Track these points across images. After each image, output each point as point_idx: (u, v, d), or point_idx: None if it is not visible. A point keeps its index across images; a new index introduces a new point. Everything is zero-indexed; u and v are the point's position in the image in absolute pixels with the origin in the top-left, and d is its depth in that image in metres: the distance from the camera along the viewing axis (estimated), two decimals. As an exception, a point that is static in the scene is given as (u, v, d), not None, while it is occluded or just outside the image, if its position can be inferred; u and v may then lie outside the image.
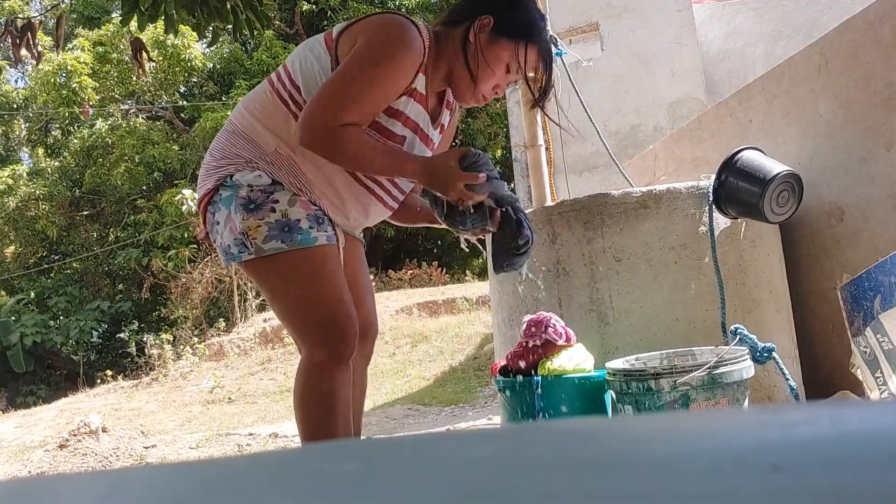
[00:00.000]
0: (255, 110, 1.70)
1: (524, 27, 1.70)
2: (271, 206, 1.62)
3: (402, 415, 4.93)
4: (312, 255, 1.64)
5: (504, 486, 0.30)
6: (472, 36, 1.68)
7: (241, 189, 1.63)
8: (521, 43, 1.69)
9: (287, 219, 1.62)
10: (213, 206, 1.68)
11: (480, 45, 1.68)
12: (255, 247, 1.62)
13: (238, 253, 1.64)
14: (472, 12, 1.70)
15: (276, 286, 1.70)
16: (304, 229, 1.63)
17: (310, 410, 1.65)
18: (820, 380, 2.70)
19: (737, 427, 0.38)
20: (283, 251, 1.61)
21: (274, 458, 0.41)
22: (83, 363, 14.22)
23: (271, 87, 1.70)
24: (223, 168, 1.67)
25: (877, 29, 2.45)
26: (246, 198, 1.62)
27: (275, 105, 1.67)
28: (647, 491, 0.28)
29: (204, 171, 1.74)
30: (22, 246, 15.78)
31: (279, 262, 1.63)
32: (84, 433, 4.51)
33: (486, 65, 1.68)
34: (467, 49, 1.69)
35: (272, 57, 14.76)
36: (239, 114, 1.74)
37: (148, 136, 14.91)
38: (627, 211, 2.46)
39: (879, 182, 2.48)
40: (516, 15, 1.70)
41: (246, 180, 1.63)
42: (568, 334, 2.22)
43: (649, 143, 5.19)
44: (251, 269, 1.69)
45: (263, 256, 1.62)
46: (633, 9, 6.24)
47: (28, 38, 3.75)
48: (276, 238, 1.61)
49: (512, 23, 1.69)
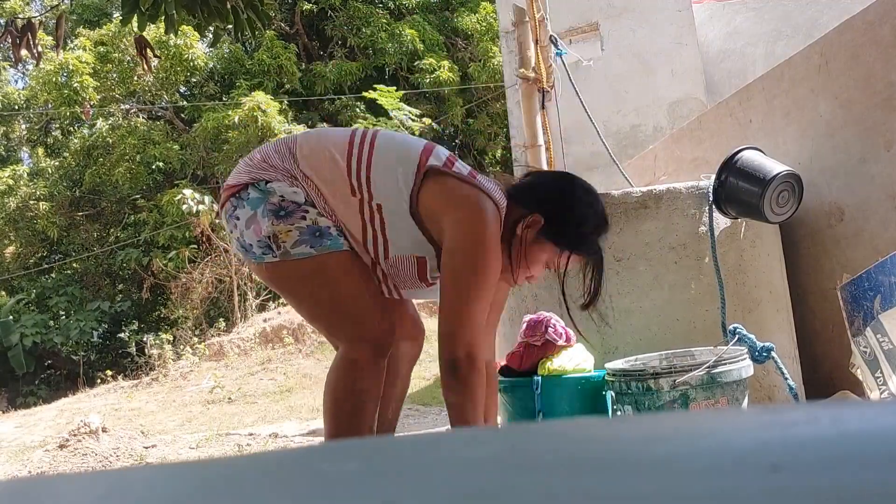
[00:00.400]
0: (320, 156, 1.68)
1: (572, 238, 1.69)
2: (301, 215, 1.64)
3: (402, 415, 4.92)
4: (342, 257, 1.66)
5: (504, 486, 0.30)
6: (519, 230, 1.68)
7: (272, 196, 1.64)
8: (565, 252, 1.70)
9: (317, 225, 1.64)
10: (238, 200, 1.68)
11: (525, 241, 1.69)
12: (283, 250, 1.63)
13: (261, 254, 1.65)
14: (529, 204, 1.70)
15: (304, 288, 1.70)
16: (334, 235, 1.65)
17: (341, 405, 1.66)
18: (820, 380, 2.70)
19: (737, 427, 0.38)
20: (310, 255, 1.62)
21: (274, 458, 0.41)
22: (83, 363, 14.22)
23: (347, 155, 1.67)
24: (263, 171, 1.67)
25: (877, 29, 2.45)
26: (276, 205, 1.63)
27: (339, 169, 1.66)
28: (647, 491, 0.28)
29: (244, 165, 1.73)
30: (22, 246, 15.78)
31: (307, 265, 1.64)
32: (84, 433, 4.51)
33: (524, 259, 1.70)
34: (513, 239, 1.69)
35: (273, 57, 14.75)
36: (305, 141, 1.73)
37: (148, 135, 14.91)
38: (627, 211, 2.46)
39: (879, 182, 2.48)
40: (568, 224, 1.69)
41: (282, 191, 1.64)
42: (568, 334, 2.22)
43: (649, 143, 5.19)
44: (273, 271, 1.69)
45: (289, 260, 1.63)
46: (633, 9, 6.25)
47: (28, 38, 3.75)
48: (305, 243, 1.62)
49: (561, 230, 1.68)
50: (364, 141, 1.69)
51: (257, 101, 13.09)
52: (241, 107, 13.21)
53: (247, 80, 14.73)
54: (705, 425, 0.40)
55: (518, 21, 3.90)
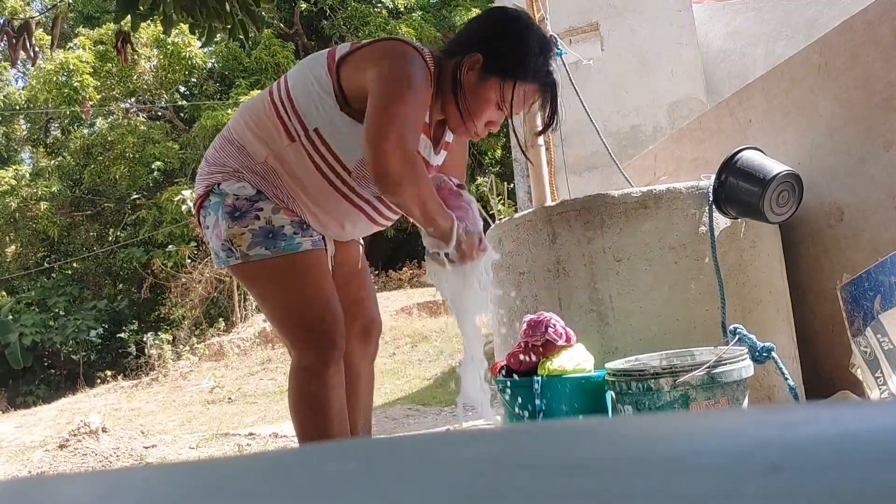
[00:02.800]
0: (251, 120, 1.70)
1: (515, 65, 1.63)
2: (255, 214, 1.64)
3: (402, 415, 4.93)
4: (297, 260, 1.65)
5: (504, 486, 0.30)
6: (460, 73, 1.64)
7: (227, 197, 1.65)
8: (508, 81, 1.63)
9: (271, 225, 1.64)
10: (205, 210, 1.71)
11: (468, 84, 1.64)
12: (241, 253, 1.64)
13: (226, 258, 1.68)
14: (464, 48, 1.66)
15: (264, 291, 1.72)
16: (289, 235, 1.65)
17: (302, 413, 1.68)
18: (820, 380, 2.70)
19: (737, 427, 0.38)
20: (267, 258, 1.63)
21: (274, 458, 0.41)
22: (83, 363, 14.22)
23: (270, 99, 1.69)
24: (213, 175, 1.70)
25: (876, 29, 2.45)
26: (231, 206, 1.65)
27: (269, 117, 1.67)
28: (648, 491, 0.28)
29: (198, 175, 1.77)
30: (22, 246, 15.78)
31: (265, 268, 1.65)
32: (84, 433, 4.51)
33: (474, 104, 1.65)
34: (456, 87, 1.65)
35: (271, 55, 14.76)
36: (235, 121, 1.75)
37: (148, 134, 14.92)
38: (627, 211, 2.46)
39: (879, 182, 2.48)
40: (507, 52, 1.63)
41: (231, 190, 1.65)
42: (568, 334, 2.22)
43: (649, 143, 5.19)
44: (238, 274, 1.72)
45: (250, 262, 1.64)
46: (633, 9, 6.25)
47: (24, 38, 3.74)
48: (260, 245, 1.63)
49: (502, 60, 1.63)
50: (279, 84, 1.71)
51: (255, 98, 13.07)
52: (240, 104, 13.21)
53: (245, 78, 14.74)
54: (705, 425, 0.40)
55: (518, 21, 3.90)
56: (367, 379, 1.95)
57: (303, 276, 1.67)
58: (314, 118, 1.63)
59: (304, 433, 1.68)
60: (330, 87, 1.63)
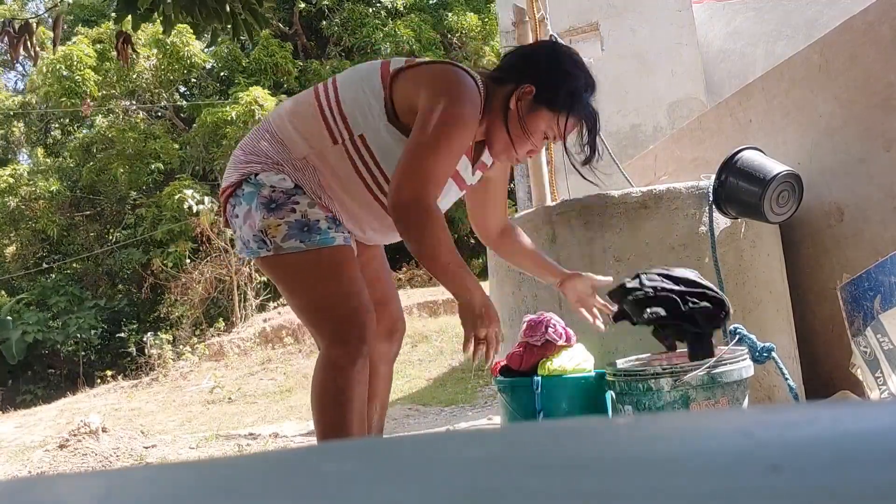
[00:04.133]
0: (294, 117, 1.72)
1: (565, 98, 1.69)
2: (292, 207, 1.65)
3: (402, 415, 4.93)
4: (331, 254, 1.67)
5: (504, 486, 0.30)
6: (512, 103, 1.69)
7: (263, 188, 1.66)
8: (561, 114, 1.69)
9: (307, 219, 1.65)
10: (235, 199, 1.71)
11: (521, 113, 1.69)
12: (275, 245, 1.65)
13: (257, 249, 1.68)
14: (516, 78, 1.70)
15: (294, 284, 1.73)
16: (323, 229, 1.66)
17: (325, 407, 1.68)
18: (820, 380, 2.70)
19: (737, 427, 0.38)
20: (301, 250, 1.64)
21: (274, 458, 0.41)
22: (83, 363, 14.22)
23: (317, 101, 1.71)
24: (250, 164, 1.70)
25: (876, 29, 2.45)
26: (268, 197, 1.65)
27: (314, 118, 1.69)
28: (648, 491, 0.28)
29: (231, 163, 1.76)
30: (22, 246, 15.79)
31: (298, 261, 1.66)
32: (84, 433, 4.51)
33: (523, 132, 1.70)
34: (508, 114, 1.70)
35: (269, 55, 14.76)
36: (277, 116, 1.76)
37: (148, 133, 14.94)
38: (627, 211, 2.46)
39: (879, 182, 2.48)
40: (559, 85, 1.70)
41: (270, 181, 1.66)
42: (568, 334, 2.22)
43: (649, 143, 5.19)
44: (269, 265, 1.72)
45: (282, 254, 1.65)
46: (633, 9, 6.25)
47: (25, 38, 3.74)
48: (295, 237, 1.64)
49: (553, 93, 1.69)
50: (327, 86, 1.73)
51: (255, 97, 13.10)
52: (238, 103, 13.22)
53: (244, 77, 14.75)
54: (705, 425, 0.40)
55: (518, 21, 3.90)
56: (386, 378, 1.97)
57: (336, 270, 1.68)
58: (361, 125, 1.66)
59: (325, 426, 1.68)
60: (381, 98, 1.65)
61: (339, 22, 15.44)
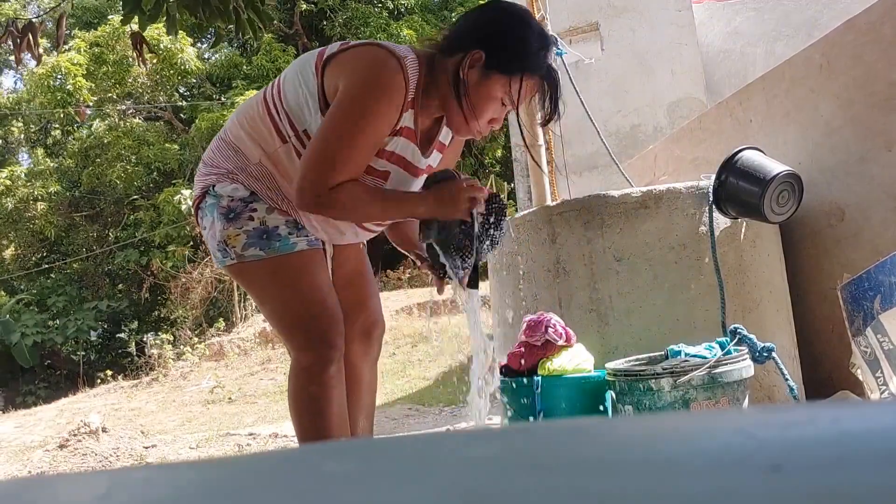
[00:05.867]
0: (245, 121, 1.71)
1: (518, 60, 1.60)
2: (249, 215, 1.65)
3: (402, 415, 4.93)
4: (292, 260, 1.66)
5: (504, 486, 0.30)
6: (462, 73, 1.60)
7: (221, 199, 1.66)
8: (514, 77, 1.60)
9: (265, 226, 1.65)
10: (202, 211, 1.73)
11: (470, 82, 1.60)
12: (236, 254, 1.65)
13: (222, 258, 1.69)
14: (463, 45, 1.62)
15: (260, 292, 1.74)
16: (283, 236, 1.65)
17: (301, 414, 1.68)
18: (820, 380, 2.70)
19: (737, 427, 0.38)
20: (262, 258, 1.64)
21: (274, 458, 0.41)
22: (83, 363, 14.22)
23: (264, 102, 1.69)
24: (208, 177, 1.71)
25: (878, 29, 2.45)
26: (226, 207, 1.66)
27: (262, 119, 1.67)
28: (648, 491, 0.28)
29: (196, 177, 1.78)
30: (21, 247, 15.78)
31: (260, 269, 1.66)
32: (84, 433, 4.51)
33: (477, 102, 1.62)
34: (458, 85, 1.61)
35: (271, 61, 14.75)
36: (231, 122, 1.75)
37: (145, 136, 14.92)
38: (627, 211, 2.46)
39: (879, 182, 2.48)
40: (509, 47, 1.61)
41: (225, 192, 1.66)
42: (568, 334, 2.22)
43: (649, 143, 5.19)
44: (235, 275, 1.75)
45: (245, 262, 1.65)
46: (633, 9, 6.24)
47: (29, 38, 3.74)
48: (255, 245, 1.64)
49: (504, 57, 1.60)
50: (274, 84, 1.71)
51: (252, 100, 13.08)
52: (236, 106, 13.21)
53: (245, 82, 14.73)
54: (705, 425, 0.40)
55: (518, 21, 3.90)
56: (370, 380, 1.94)
57: (297, 276, 1.67)
58: (303, 119, 1.63)
59: (304, 434, 1.68)
60: (315, 89, 1.61)
61: (342, 22, 15.43)
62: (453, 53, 1.63)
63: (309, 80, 1.63)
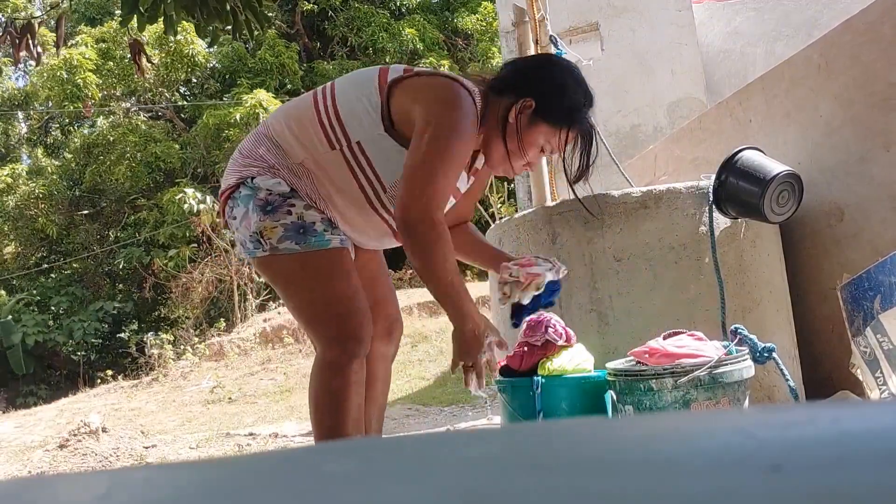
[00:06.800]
0: (293, 122, 1.73)
1: (565, 114, 1.69)
2: (287, 209, 1.67)
3: (402, 415, 4.93)
4: (326, 255, 1.68)
5: (504, 486, 0.30)
6: (512, 116, 1.69)
7: (259, 192, 1.68)
8: (562, 129, 1.70)
9: (303, 221, 1.67)
10: (233, 201, 1.73)
11: (520, 126, 1.69)
12: (270, 246, 1.67)
13: (253, 249, 1.70)
14: (516, 91, 1.70)
15: (290, 285, 1.74)
16: (319, 231, 1.68)
17: (322, 408, 1.69)
18: (820, 380, 2.70)
19: (737, 427, 0.38)
20: (296, 252, 1.66)
21: (274, 458, 0.41)
22: (83, 363, 14.22)
23: (314, 107, 1.72)
24: (247, 168, 1.72)
25: (877, 29, 2.45)
26: (264, 200, 1.67)
27: (312, 123, 1.70)
28: (648, 491, 0.28)
29: (230, 166, 1.78)
30: (22, 246, 15.78)
31: (293, 262, 1.68)
32: (84, 433, 4.51)
33: (521, 145, 1.70)
34: (506, 127, 1.70)
35: (275, 56, 14.75)
36: (275, 119, 1.78)
37: (149, 134, 14.92)
38: (627, 211, 2.46)
39: (879, 182, 2.48)
40: (559, 100, 1.70)
41: (266, 185, 1.68)
42: (568, 334, 2.22)
43: (649, 143, 5.19)
44: (265, 266, 1.74)
45: (277, 255, 1.67)
46: (633, 9, 6.24)
47: (27, 38, 3.74)
48: (290, 239, 1.66)
49: (554, 109, 1.69)
50: (325, 92, 1.74)
51: (259, 100, 13.10)
52: (242, 105, 13.22)
53: (248, 78, 14.73)
54: (705, 425, 0.40)
55: (518, 21, 3.90)
56: (384, 379, 1.97)
57: (331, 272, 1.69)
58: (358, 131, 1.67)
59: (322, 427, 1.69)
60: (379, 107, 1.66)
61: (344, 22, 15.43)
62: (503, 95, 1.71)
63: (372, 95, 1.67)
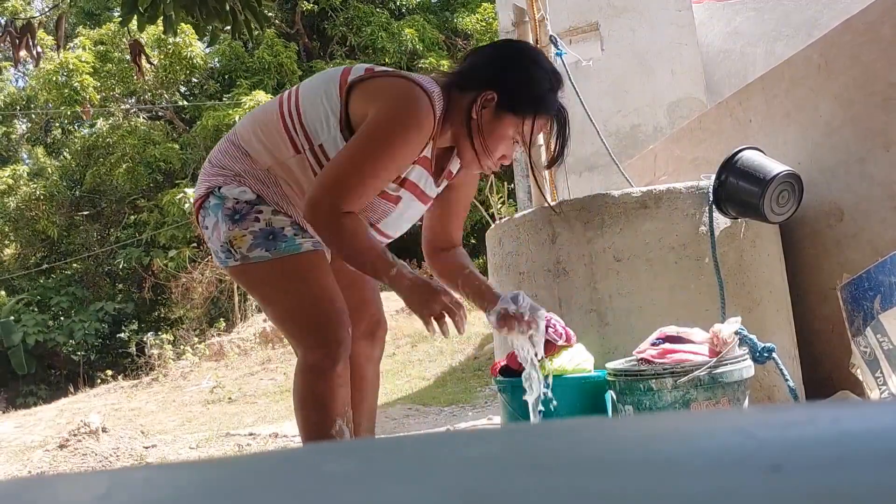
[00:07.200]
0: (259, 129, 1.72)
1: (530, 102, 1.64)
2: (255, 216, 1.65)
3: (402, 415, 4.93)
4: (298, 261, 1.66)
5: (504, 486, 0.30)
6: (474, 112, 1.63)
7: (226, 201, 1.67)
8: (527, 117, 1.64)
9: (271, 227, 1.65)
10: (204, 211, 1.73)
11: (483, 122, 1.64)
12: (241, 255, 1.65)
13: (225, 259, 1.69)
14: (477, 84, 1.65)
15: (265, 293, 1.74)
16: (289, 237, 1.66)
17: (307, 412, 1.68)
18: (820, 380, 2.70)
19: (737, 427, 0.38)
20: (267, 259, 1.64)
21: (274, 458, 0.41)
22: (83, 363, 14.22)
23: (279, 110, 1.70)
24: (214, 177, 1.72)
25: (877, 29, 2.45)
26: (231, 209, 1.66)
27: (277, 128, 1.69)
28: (648, 491, 0.28)
29: (201, 175, 1.79)
30: (22, 246, 15.79)
31: (265, 270, 1.66)
32: (84, 433, 4.51)
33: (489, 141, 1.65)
34: (471, 125, 1.64)
35: (274, 55, 14.74)
36: (243, 127, 1.77)
37: (148, 135, 14.92)
38: (627, 211, 2.46)
39: (879, 182, 2.48)
40: (522, 89, 1.64)
41: (231, 194, 1.67)
42: (568, 334, 2.22)
43: (649, 143, 5.19)
44: (238, 275, 1.73)
45: (249, 264, 1.66)
46: (633, 9, 6.24)
47: (27, 39, 3.74)
48: (260, 246, 1.64)
49: (517, 98, 1.63)
50: (290, 95, 1.72)
51: (258, 101, 13.10)
52: (241, 106, 13.21)
53: (247, 77, 14.72)
54: (705, 425, 0.40)
55: (518, 21, 3.90)
56: (373, 381, 1.95)
57: (305, 276, 1.67)
58: (320, 134, 1.65)
59: (308, 432, 1.68)
60: (337, 108, 1.64)
61: (343, 21, 15.43)
62: (466, 90, 1.66)
63: (332, 97, 1.65)
